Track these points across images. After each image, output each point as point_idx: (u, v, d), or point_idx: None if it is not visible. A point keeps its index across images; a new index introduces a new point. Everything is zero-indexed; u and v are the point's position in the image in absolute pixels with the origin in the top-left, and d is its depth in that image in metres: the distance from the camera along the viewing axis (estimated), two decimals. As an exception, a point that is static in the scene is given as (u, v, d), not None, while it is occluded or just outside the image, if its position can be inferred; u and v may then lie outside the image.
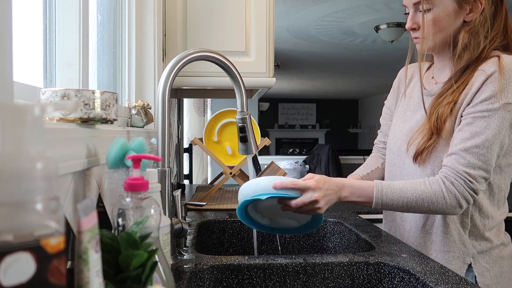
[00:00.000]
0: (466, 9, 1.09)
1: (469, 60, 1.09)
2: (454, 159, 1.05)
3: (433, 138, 1.10)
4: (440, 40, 1.12)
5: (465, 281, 0.86)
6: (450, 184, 1.04)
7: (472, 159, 1.03)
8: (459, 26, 1.10)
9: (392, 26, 4.53)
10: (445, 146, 1.10)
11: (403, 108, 1.27)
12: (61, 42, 0.90)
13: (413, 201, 1.06)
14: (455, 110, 1.09)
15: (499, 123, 1.03)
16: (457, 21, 1.10)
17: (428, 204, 1.06)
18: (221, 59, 1.02)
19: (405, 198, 1.06)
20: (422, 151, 1.12)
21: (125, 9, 1.37)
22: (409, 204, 1.07)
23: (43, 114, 0.37)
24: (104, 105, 0.69)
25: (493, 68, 1.04)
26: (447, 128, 1.09)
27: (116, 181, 0.70)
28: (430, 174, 1.13)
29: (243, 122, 1.09)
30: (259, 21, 1.59)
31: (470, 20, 1.09)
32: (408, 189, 1.06)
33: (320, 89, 10.75)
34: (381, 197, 1.07)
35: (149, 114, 1.22)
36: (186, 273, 0.89)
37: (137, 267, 0.54)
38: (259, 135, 1.85)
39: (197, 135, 2.97)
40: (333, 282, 0.99)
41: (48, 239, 0.35)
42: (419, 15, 1.12)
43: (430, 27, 1.10)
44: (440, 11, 1.08)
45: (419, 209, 1.08)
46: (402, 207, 1.08)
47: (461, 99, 1.08)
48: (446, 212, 1.07)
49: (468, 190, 1.04)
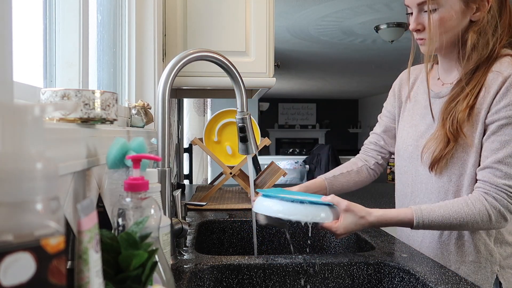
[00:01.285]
0: (472, 8, 1.06)
1: (479, 61, 1.06)
2: (490, 173, 1.01)
3: (450, 145, 1.06)
4: (447, 40, 1.08)
5: (465, 281, 0.86)
6: (493, 199, 1.01)
7: (508, 170, 1.00)
8: (466, 25, 1.07)
9: (392, 26, 4.53)
10: (462, 153, 1.07)
11: (409, 113, 1.23)
12: (61, 42, 0.90)
13: (456, 225, 1.02)
14: (473, 115, 1.04)
15: None
16: (464, 20, 1.06)
17: (472, 224, 1.01)
18: (221, 59, 1.02)
19: (448, 224, 1.02)
20: (439, 160, 1.08)
21: (125, 9, 1.37)
22: (452, 228, 1.03)
23: (43, 114, 0.37)
24: (104, 105, 0.69)
25: (509, 69, 1.01)
26: (466, 134, 1.05)
27: (116, 181, 0.70)
28: (447, 182, 1.09)
29: (243, 122, 1.09)
30: (259, 21, 1.59)
31: (477, 20, 1.06)
32: (450, 213, 1.01)
33: (320, 89, 10.75)
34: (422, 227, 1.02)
35: (149, 114, 1.22)
36: (186, 273, 0.89)
37: (137, 267, 0.54)
38: (259, 135, 1.85)
39: (197, 135, 2.97)
40: (333, 282, 0.99)
41: (48, 239, 0.35)
42: (423, 15, 1.08)
43: (437, 27, 1.06)
44: (446, 11, 1.05)
45: (462, 229, 1.06)
46: (444, 229, 1.06)
47: (478, 103, 1.04)
48: (491, 228, 1.03)
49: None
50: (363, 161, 1.35)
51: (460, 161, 1.07)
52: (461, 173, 1.08)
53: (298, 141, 12.85)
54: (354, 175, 1.32)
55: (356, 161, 1.36)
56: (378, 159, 1.35)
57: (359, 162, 1.35)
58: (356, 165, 1.34)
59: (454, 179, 1.08)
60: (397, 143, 1.26)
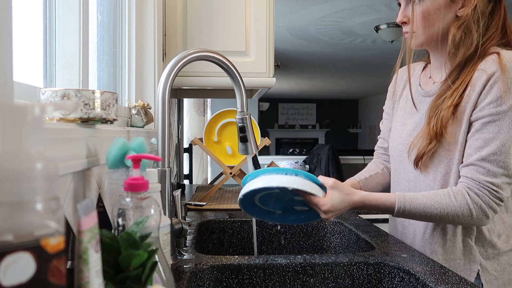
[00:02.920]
0: (458, 3, 1.05)
1: (464, 58, 1.05)
2: (473, 170, 1.01)
3: (433, 143, 1.07)
4: (430, 35, 1.08)
5: (465, 281, 0.86)
6: (475, 195, 1.01)
7: (492, 167, 1.00)
8: (450, 20, 1.06)
9: (392, 26, 4.53)
10: (447, 151, 1.07)
11: (401, 111, 1.24)
12: (61, 42, 0.90)
13: (437, 216, 1.03)
14: (458, 113, 1.05)
15: (511, 125, 0.99)
16: (448, 15, 1.05)
17: (452, 217, 1.02)
18: (221, 59, 1.02)
19: (428, 213, 1.03)
20: (422, 156, 1.09)
21: (125, 9, 1.37)
22: (433, 218, 1.04)
23: (43, 114, 0.37)
24: (104, 105, 0.69)
25: (493, 67, 1.01)
26: (449, 132, 1.05)
27: (116, 181, 0.70)
28: (432, 180, 1.10)
29: (243, 122, 1.08)
30: (259, 21, 1.59)
31: (462, 15, 1.05)
32: (432, 203, 1.02)
33: (320, 89, 10.75)
34: (402, 212, 1.04)
35: (149, 114, 1.22)
36: (186, 273, 0.89)
37: (137, 267, 0.54)
38: (259, 135, 1.85)
39: (197, 135, 2.97)
40: (333, 282, 0.99)
41: (48, 239, 0.35)
42: (409, 8, 1.08)
43: (420, 20, 1.06)
44: (430, 4, 1.05)
45: (442, 222, 1.06)
46: (424, 219, 1.06)
47: (464, 101, 1.04)
48: (472, 224, 1.04)
49: (494, 200, 1.01)
50: (382, 164, 1.36)
51: (445, 159, 1.07)
52: (446, 171, 1.08)
53: (298, 141, 12.84)
54: (380, 177, 1.33)
55: (376, 164, 1.36)
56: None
57: (379, 165, 1.35)
58: (379, 167, 1.35)
59: (439, 177, 1.09)
60: (390, 142, 1.27)
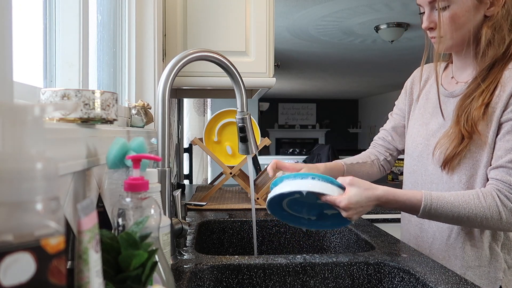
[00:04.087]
0: (486, 3, 1.03)
1: (495, 57, 1.03)
2: (503, 172, 0.99)
3: (464, 143, 1.03)
4: (460, 38, 1.06)
5: (465, 281, 0.86)
6: (505, 198, 0.98)
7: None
8: (479, 21, 1.04)
9: (392, 26, 4.53)
10: (476, 152, 1.04)
11: (420, 111, 1.21)
12: (61, 42, 0.90)
13: (464, 217, 0.98)
14: (488, 113, 1.02)
15: None
16: (477, 16, 1.03)
17: (481, 220, 0.98)
18: (221, 59, 1.02)
19: (456, 213, 0.98)
20: (452, 158, 1.05)
21: (125, 9, 1.37)
22: (460, 219, 0.99)
23: (43, 114, 0.37)
24: (104, 105, 0.69)
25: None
26: (480, 132, 1.02)
27: (116, 181, 0.70)
28: (457, 182, 1.07)
29: (243, 122, 1.08)
30: (259, 21, 1.59)
31: (491, 15, 1.03)
32: (460, 202, 0.98)
33: (320, 89, 10.74)
34: (429, 210, 0.99)
35: (149, 114, 1.22)
36: (186, 273, 0.89)
37: (137, 267, 0.54)
38: (259, 135, 1.85)
39: (197, 135, 2.97)
40: (333, 282, 0.99)
41: (48, 239, 0.35)
42: (435, 13, 1.05)
43: (448, 25, 1.04)
44: (458, 8, 1.02)
45: (470, 224, 1.01)
46: (451, 221, 1.01)
47: (494, 101, 1.02)
48: (501, 228, 1.00)
49: None
50: (374, 155, 1.35)
51: (473, 161, 1.05)
52: (472, 174, 1.05)
53: (298, 141, 12.84)
54: (368, 167, 1.32)
55: (368, 154, 1.36)
56: (386, 156, 1.34)
57: (371, 156, 1.35)
58: (369, 158, 1.34)
59: (464, 179, 1.06)
60: (407, 142, 1.25)
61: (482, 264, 1.07)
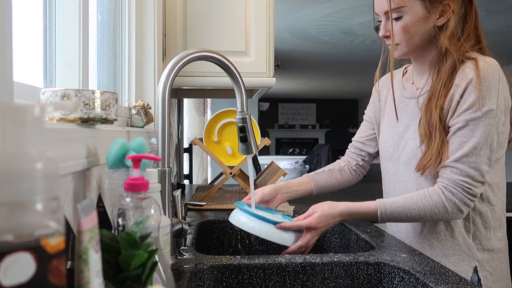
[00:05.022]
0: (436, 13, 1.10)
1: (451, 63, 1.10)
2: (448, 171, 1.09)
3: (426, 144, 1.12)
4: (413, 46, 1.13)
5: (465, 281, 0.86)
6: (449, 193, 1.08)
7: (464, 168, 1.07)
8: (431, 30, 1.11)
9: (392, 26, 4.53)
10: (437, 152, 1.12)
11: (389, 115, 1.29)
12: (61, 42, 0.90)
13: (416, 215, 1.11)
14: (443, 116, 1.10)
15: (484, 130, 1.05)
16: (427, 26, 1.11)
17: (431, 215, 1.10)
18: (221, 59, 1.02)
19: (408, 214, 1.11)
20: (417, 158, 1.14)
21: (125, 9, 1.37)
22: (414, 218, 1.12)
23: (43, 114, 0.37)
24: (104, 105, 0.69)
25: (471, 74, 1.06)
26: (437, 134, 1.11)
27: (116, 181, 0.70)
28: (424, 179, 1.15)
29: (243, 122, 1.09)
30: (259, 21, 1.59)
31: (442, 24, 1.10)
32: (410, 204, 1.11)
33: (320, 89, 10.74)
34: (385, 217, 1.12)
35: (149, 114, 1.22)
36: (186, 273, 0.89)
37: (137, 267, 0.54)
38: (259, 135, 1.85)
39: (197, 135, 2.97)
40: (333, 282, 0.99)
41: (48, 239, 0.35)
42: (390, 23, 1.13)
43: (401, 34, 1.12)
44: (409, 19, 1.10)
45: (422, 220, 1.14)
46: (407, 221, 1.14)
47: (446, 105, 1.10)
48: (449, 219, 1.12)
49: (467, 196, 1.08)
50: (345, 162, 1.43)
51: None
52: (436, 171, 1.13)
53: (298, 141, 12.84)
54: (336, 174, 1.40)
55: (339, 161, 1.45)
56: (358, 161, 1.42)
57: (341, 163, 1.43)
58: (338, 164, 1.43)
59: (430, 176, 1.14)
60: (380, 145, 1.33)
61: (456, 252, 1.14)
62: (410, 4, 1.09)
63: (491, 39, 1.16)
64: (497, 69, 1.06)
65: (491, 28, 4.70)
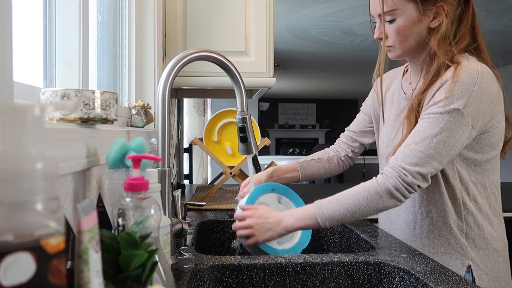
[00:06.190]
0: (429, 16, 1.10)
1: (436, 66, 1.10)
2: (393, 157, 1.07)
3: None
4: (407, 47, 1.14)
5: (465, 281, 0.86)
6: (383, 177, 1.05)
7: (408, 154, 1.04)
8: (424, 32, 1.11)
9: (392, 26, 4.53)
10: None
11: (387, 114, 1.29)
12: (61, 42, 0.90)
13: (352, 205, 1.04)
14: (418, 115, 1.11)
15: (442, 125, 1.03)
16: (421, 28, 1.10)
17: (366, 203, 1.04)
18: (221, 59, 1.02)
19: (344, 205, 1.05)
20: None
21: (125, 9, 1.37)
22: (350, 209, 1.05)
23: (43, 114, 0.37)
24: (104, 105, 0.69)
25: (449, 74, 1.06)
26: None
27: (116, 181, 0.70)
28: None
29: (243, 122, 1.09)
30: (259, 21, 1.59)
31: (435, 26, 1.10)
32: (343, 195, 1.06)
33: (320, 89, 10.74)
34: (323, 213, 1.05)
35: (149, 114, 1.22)
36: (186, 273, 0.89)
37: (137, 267, 0.54)
38: (259, 135, 1.85)
39: (197, 135, 2.96)
40: (333, 282, 0.99)
41: (48, 239, 0.35)
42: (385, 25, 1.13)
43: (395, 36, 1.12)
44: (403, 21, 1.10)
45: (360, 211, 1.05)
46: (346, 214, 1.05)
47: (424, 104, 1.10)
48: (386, 205, 1.05)
49: (401, 182, 1.03)
50: (334, 152, 1.45)
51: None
52: None
53: (298, 141, 12.83)
54: (324, 163, 1.42)
55: (328, 151, 1.46)
56: (348, 152, 1.43)
57: (331, 152, 1.45)
58: (327, 154, 1.44)
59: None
60: (378, 145, 1.33)
61: (447, 251, 1.14)
62: (403, 7, 1.09)
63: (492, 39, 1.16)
64: (477, 74, 1.03)
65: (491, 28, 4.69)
